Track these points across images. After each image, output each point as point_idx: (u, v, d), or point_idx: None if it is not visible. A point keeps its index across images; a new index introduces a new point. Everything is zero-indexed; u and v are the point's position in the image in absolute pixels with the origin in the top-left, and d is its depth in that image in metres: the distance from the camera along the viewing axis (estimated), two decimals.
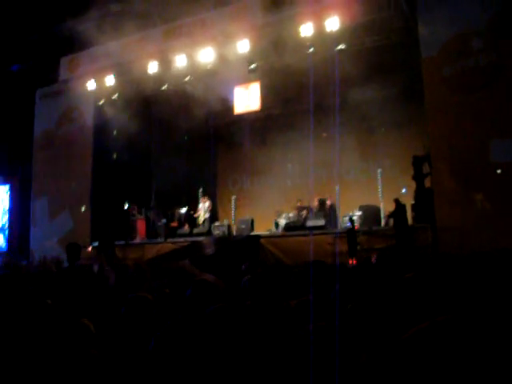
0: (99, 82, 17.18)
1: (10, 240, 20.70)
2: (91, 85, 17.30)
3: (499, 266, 4.72)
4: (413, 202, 13.62)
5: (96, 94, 17.74)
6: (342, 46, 14.46)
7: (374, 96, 15.99)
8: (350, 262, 11.85)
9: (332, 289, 4.28)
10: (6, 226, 21.04)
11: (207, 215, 17.53)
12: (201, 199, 18.15)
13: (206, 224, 17.29)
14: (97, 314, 3.47)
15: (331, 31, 13.89)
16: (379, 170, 15.66)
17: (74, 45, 17.18)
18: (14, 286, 4.58)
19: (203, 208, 17.68)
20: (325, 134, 17.02)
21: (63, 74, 18.13)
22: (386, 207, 14.51)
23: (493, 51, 11.77)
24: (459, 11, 12.20)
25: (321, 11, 13.65)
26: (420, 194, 13.32)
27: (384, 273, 5.36)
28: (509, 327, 1.62)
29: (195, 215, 17.78)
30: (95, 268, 6.99)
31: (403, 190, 15.09)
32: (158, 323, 3.19)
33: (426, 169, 13.19)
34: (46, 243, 17.46)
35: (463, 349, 1.29)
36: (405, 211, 12.88)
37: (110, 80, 16.99)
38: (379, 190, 15.34)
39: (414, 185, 13.66)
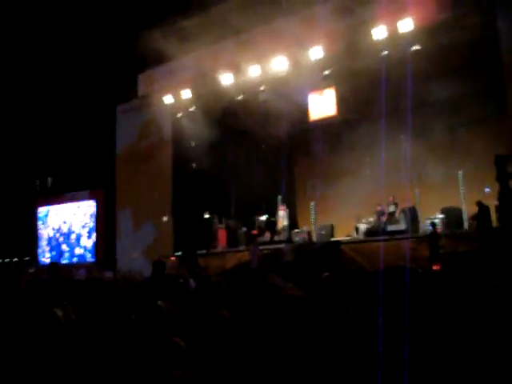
0: (176, 95, 17.65)
1: (97, 252, 21.49)
2: (168, 99, 17.78)
3: None
4: (496, 204, 13.16)
5: (173, 108, 18.22)
6: (417, 47, 14.17)
7: (452, 95, 15.55)
8: (435, 267, 11.55)
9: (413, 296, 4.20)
10: (94, 238, 21.87)
11: (286, 222, 17.57)
12: (280, 207, 18.20)
13: (286, 231, 17.32)
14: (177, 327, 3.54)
15: (405, 32, 13.69)
16: (460, 171, 15.22)
17: (151, 61, 17.69)
18: (95, 295, 4.74)
19: (282, 215, 17.74)
20: (403, 137, 16.73)
21: (141, 89, 18.74)
22: (468, 209, 14.09)
23: None
24: None
25: (393, 13, 13.49)
26: (504, 194, 12.85)
27: (470, 280, 5.21)
28: None
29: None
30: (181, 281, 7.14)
31: (486, 190, 14.59)
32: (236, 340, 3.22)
33: (509, 168, 12.73)
34: (130, 254, 18.00)
35: None
36: (488, 213, 12.46)
37: (186, 93, 17.41)
38: (461, 191, 14.92)
39: (497, 185, 13.21)
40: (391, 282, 4.70)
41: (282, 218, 17.75)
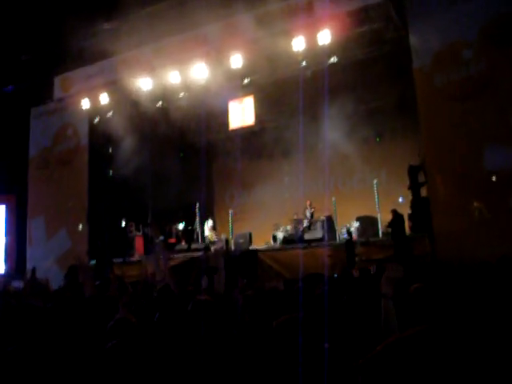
0: (93, 100, 17.22)
1: (7, 261, 20.58)
2: (85, 103, 17.34)
3: (500, 276, 4.73)
4: (410, 212, 13.63)
5: (91, 112, 17.77)
6: (334, 59, 14.53)
7: (368, 106, 16.05)
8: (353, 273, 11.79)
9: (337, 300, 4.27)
10: (3, 246, 20.94)
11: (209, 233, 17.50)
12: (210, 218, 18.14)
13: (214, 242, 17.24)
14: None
15: (323, 44, 13.97)
16: (375, 181, 15.68)
17: (68, 63, 17.25)
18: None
19: (208, 227, 17.65)
20: (321, 146, 17.09)
21: (57, 92, 18.17)
22: (383, 217, 14.50)
23: (483, 60, 11.84)
24: (449, 21, 12.29)
25: (312, 25, 13.71)
26: (416, 203, 13.34)
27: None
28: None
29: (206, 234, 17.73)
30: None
31: (400, 200, 15.09)
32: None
33: (421, 178, 13.22)
34: (43, 263, 17.37)
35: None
36: (402, 221, 12.88)
37: (104, 98, 17.03)
38: (376, 200, 15.35)
39: (410, 194, 13.69)
40: (311, 289, 4.77)
41: (208, 229, 17.64)
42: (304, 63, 14.87)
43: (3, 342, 3.25)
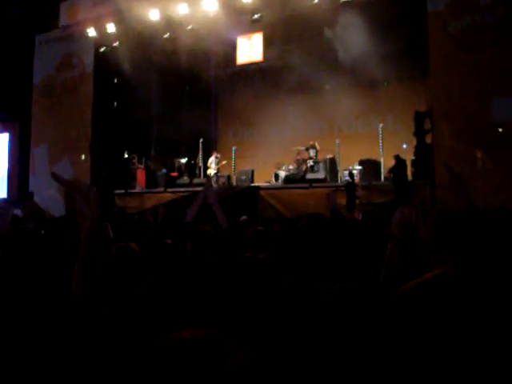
0: (100, 28, 16.97)
1: (10, 188, 20.65)
2: (91, 32, 17.08)
3: (499, 226, 4.79)
4: (413, 158, 13.64)
5: (97, 41, 17.54)
6: None
7: (378, 50, 15.74)
8: (355, 215, 11.82)
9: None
10: (6, 174, 20.98)
11: (215, 169, 17.35)
12: (213, 153, 17.93)
13: (215, 177, 17.15)
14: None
15: None
16: (381, 125, 15.59)
17: None
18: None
19: (214, 162, 17.48)
20: (327, 87, 16.94)
21: (63, 19, 17.88)
22: (386, 162, 14.52)
23: (500, 7, 11.58)
24: None
25: None
26: (420, 150, 13.33)
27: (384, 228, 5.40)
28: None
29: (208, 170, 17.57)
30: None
31: (404, 146, 15.08)
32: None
33: (427, 125, 13.16)
34: (45, 191, 17.46)
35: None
36: (405, 167, 12.92)
37: (110, 27, 16.77)
38: (380, 144, 15.32)
39: (415, 140, 13.66)
40: (313, 228, 4.84)
41: (214, 164, 17.46)
42: (316, 0, 14.54)
43: None
